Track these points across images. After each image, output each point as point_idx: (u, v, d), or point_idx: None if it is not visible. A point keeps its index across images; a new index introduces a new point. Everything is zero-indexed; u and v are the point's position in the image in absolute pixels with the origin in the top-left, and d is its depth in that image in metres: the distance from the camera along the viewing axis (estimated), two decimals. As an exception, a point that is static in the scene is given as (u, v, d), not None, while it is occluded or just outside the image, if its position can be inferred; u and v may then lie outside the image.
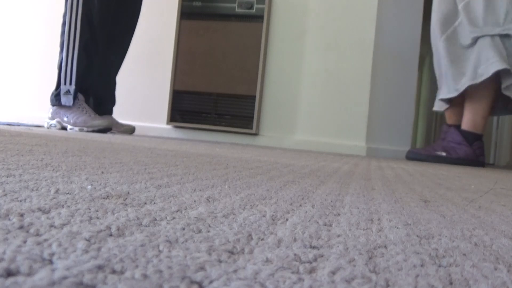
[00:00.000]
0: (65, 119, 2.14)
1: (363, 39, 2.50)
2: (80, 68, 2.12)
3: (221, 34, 2.62)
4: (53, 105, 2.18)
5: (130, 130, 2.41)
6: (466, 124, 2.17)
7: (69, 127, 2.12)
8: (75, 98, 2.12)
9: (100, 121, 2.12)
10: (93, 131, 2.07)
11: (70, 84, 2.11)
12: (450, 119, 2.36)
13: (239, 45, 2.60)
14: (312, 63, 2.57)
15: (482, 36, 2.13)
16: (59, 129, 2.14)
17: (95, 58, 2.18)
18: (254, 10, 2.57)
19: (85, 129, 2.08)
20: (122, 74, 2.44)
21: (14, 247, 0.20)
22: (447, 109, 2.35)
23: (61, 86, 2.13)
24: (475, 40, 2.15)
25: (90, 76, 2.19)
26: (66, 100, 2.13)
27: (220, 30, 2.62)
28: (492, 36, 2.11)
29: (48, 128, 2.16)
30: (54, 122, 2.16)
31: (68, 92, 2.11)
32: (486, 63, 2.11)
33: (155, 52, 2.77)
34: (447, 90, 2.24)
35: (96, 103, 2.28)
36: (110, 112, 2.37)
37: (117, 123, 2.37)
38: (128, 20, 2.36)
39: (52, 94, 2.18)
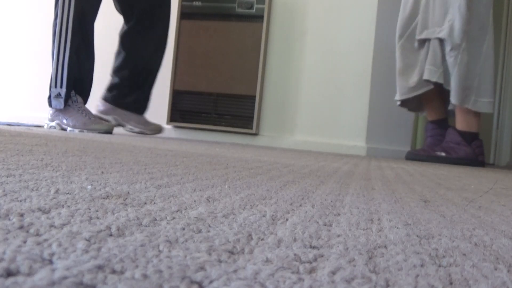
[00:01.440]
0: (64, 121, 2.11)
1: (363, 39, 2.50)
2: (72, 71, 2.06)
3: (221, 34, 2.62)
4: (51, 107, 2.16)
5: (157, 129, 2.41)
6: (460, 125, 2.18)
7: (68, 129, 2.10)
8: (66, 101, 2.07)
9: (99, 125, 2.09)
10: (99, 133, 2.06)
11: (61, 87, 2.06)
12: (430, 116, 2.38)
13: (239, 45, 2.59)
14: (312, 63, 2.57)
15: (428, 38, 2.15)
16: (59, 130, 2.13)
17: (90, 60, 2.15)
18: (254, 10, 2.57)
19: (85, 131, 2.06)
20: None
21: (14, 247, 0.20)
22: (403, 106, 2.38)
23: (52, 89, 2.08)
24: (422, 42, 2.18)
25: (89, 77, 2.17)
26: (57, 103, 2.08)
27: (220, 30, 2.62)
28: (433, 39, 2.13)
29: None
30: (53, 124, 2.14)
31: (58, 95, 2.06)
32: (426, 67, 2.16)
33: (155, 52, 2.77)
34: (399, 91, 2.28)
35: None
36: (139, 112, 2.37)
37: (146, 121, 2.37)
38: None
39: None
